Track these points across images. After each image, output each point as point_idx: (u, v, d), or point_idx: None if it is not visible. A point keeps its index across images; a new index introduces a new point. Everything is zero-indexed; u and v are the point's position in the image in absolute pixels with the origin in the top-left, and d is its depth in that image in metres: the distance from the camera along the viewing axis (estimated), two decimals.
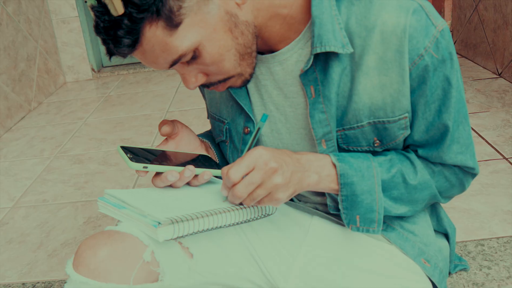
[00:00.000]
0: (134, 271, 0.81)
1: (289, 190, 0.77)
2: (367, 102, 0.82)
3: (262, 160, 0.74)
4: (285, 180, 0.76)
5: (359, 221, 0.86)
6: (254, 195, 0.75)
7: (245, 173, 0.74)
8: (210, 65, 0.78)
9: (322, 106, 0.83)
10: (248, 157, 0.74)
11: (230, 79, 0.82)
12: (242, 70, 0.81)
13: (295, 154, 0.82)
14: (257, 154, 0.75)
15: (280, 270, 0.95)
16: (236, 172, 0.74)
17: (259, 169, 0.74)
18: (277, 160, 0.75)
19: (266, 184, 0.74)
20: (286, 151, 0.81)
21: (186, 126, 0.96)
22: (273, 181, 0.74)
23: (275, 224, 0.98)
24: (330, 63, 0.81)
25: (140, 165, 0.82)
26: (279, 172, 0.75)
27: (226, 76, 0.81)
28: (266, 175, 0.74)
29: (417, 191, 0.88)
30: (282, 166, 0.76)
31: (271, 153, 0.75)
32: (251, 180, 0.74)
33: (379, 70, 0.80)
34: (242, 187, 0.74)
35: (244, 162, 0.74)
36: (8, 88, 2.88)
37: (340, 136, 0.86)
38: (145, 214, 0.77)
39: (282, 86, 0.88)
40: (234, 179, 0.74)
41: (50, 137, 2.66)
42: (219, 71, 0.79)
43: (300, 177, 0.80)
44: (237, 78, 0.82)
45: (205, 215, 0.77)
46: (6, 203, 2.03)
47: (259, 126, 0.84)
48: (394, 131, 0.84)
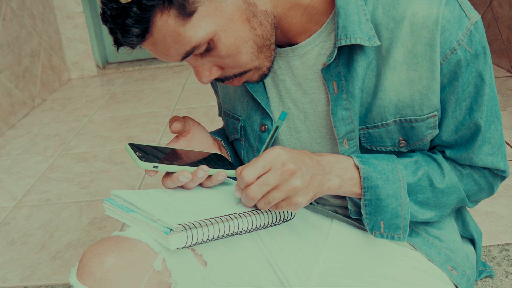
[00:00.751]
0: (143, 282, 0.75)
1: (309, 194, 0.72)
2: (393, 99, 0.77)
3: (280, 160, 0.69)
4: (304, 183, 0.71)
5: (383, 227, 0.81)
6: (269, 197, 0.71)
7: (260, 174, 0.70)
8: (226, 58, 0.73)
9: (345, 102, 0.78)
10: (265, 157, 0.70)
11: (247, 73, 0.77)
12: (259, 64, 0.77)
13: (315, 156, 0.77)
14: (274, 154, 0.70)
15: (298, 277, 0.89)
16: (250, 172, 0.69)
17: (276, 170, 0.69)
18: (296, 162, 0.70)
19: (284, 186, 0.70)
20: (305, 152, 0.76)
21: (198, 123, 0.91)
22: (291, 184, 0.70)
23: (293, 229, 0.93)
24: (355, 56, 0.76)
25: (150, 165, 0.77)
26: (297, 174, 0.70)
27: (242, 69, 0.76)
28: (283, 177, 0.69)
29: (444, 195, 0.83)
30: (301, 168, 0.71)
31: (290, 154, 0.71)
32: (265, 180, 0.69)
33: (407, 65, 0.75)
34: (256, 187, 0.70)
35: (259, 162, 0.70)
36: (12, 85, 2.82)
37: (363, 135, 0.81)
38: (155, 219, 0.72)
39: (302, 81, 0.83)
40: (247, 179, 0.69)
41: (54, 135, 2.61)
42: (235, 65, 0.74)
43: (321, 180, 0.75)
44: (254, 72, 0.78)
45: (220, 221, 0.72)
46: (8, 202, 1.98)
47: (278, 124, 0.80)
48: (421, 131, 0.79)
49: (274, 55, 0.79)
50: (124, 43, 0.69)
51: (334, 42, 0.75)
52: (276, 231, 0.91)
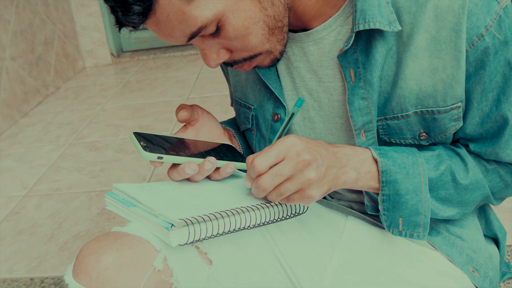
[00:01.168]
0: (143, 281, 0.70)
1: (323, 187, 0.68)
2: (414, 88, 0.72)
3: (295, 150, 0.65)
4: (319, 175, 0.66)
5: (402, 224, 0.76)
6: (281, 189, 0.66)
7: (273, 163, 0.66)
8: (234, 40, 0.68)
9: (362, 91, 0.74)
10: (279, 145, 0.66)
11: (257, 56, 0.72)
12: (271, 47, 0.72)
13: (331, 147, 0.73)
14: (289, 143, 0.66)
15: (309, 276, 0.85)
16: (262, 161, 0.65)
17: (290, 159, 0.65)
18: (311, 152, 0.66)
19: (298, 178, 0.65)
20: (321, 142, 0.72)
21: (207, 112, 0.87)
22: (305, 175, 0.65)
23: (305, 225, 0.88)
24: (374, 42, 0.72)
25: (154, 155, 0.72)
26: (313, 165, 0.65)
27: (252, 53, 0.71)
28: (297, 168, 0.65)
29: (468, 192, 0.78)
30: (317, 159, 0.66)
31: (306, 143, 0.66)
32: (279, 171, 0.65)
33: (430, 52, 0.70)
34: (269, 178, 0.65)
35: (273, 150, 0.65)
36: (25, 72, 2.81)
37: (382, 126, 0.77)
38: (156, 213, 0.67)
39: (317, 68, 0.78)
40: (259, 168, 0.65)
41: (66, 123, 2.58)
42: (244, 47, 0.70)
43: (336, 173, 0.70)
44: (265, 56, 0.73)
45: (226, 215, 0.67)
46: (19, 191, 1.96)
47: (293, 111, 0.75)
48: (444, 123, 0.74)
49: (287, 39, 0.74)
50: (126, 22, 0.65)
51: (352, 26, 0.71)
52: (287, 227, 0.86)
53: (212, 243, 0.79)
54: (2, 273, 1.48)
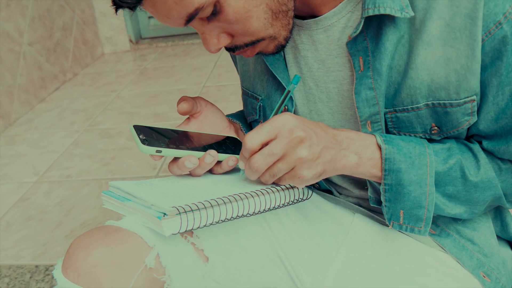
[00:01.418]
0: (133, 279, 0.67)
1: (316, 168, 0.65)
2: (426, 79, 0.68)
3: (287, 127, 0.63)
4: (312, 154, 0.64)
5: (402, 217, 0.72)
6: (274, 169, 0.64)
7: (265, 140, 0.63)
8: (235, 23, 0.64)
9: (370, 81, 0.70)
10: (271, 122, 0.63)
11: (260, 42, 0.69)
12: (275, 32, 0.68)
13: (332, 129, 0.69)
14: (282, 120, 0.63)
15: (312, 276, 0.81)
16: (253, 138, 0.63)
17: (283, 137, 0.63)
18: (305, 130, 0.63)
19: (289, 156, 0.63)
20: (320, 123, 0.68)
21: (211, 104, 0.83)
22: (297, 153, 0.63)
23: (310, 222, 0.84)
24: (384, 29, 0.67)
25: (153, 149, 0.70)
26: (306, 143, 0.63)
27: (254, 38, 0.67)
28: (289, 146, 0.63)
29: (477, 190, 0.73)
30: (311, 137, 0.64)
31: (300, 121, 0.64)
32: (271, 150, 0.63)
33: (444, 40, 0.66)
34: (261, 157, 0.63)
35: (265, 127, 0.63)
36: (42, 58, 2.80)
37: (391, 118, 0.72)
38: (149, 204, 0.65)
39: (325, 58, 0.75)
40: (250, 145, 0.63)
41: (81, 109, 2.58)
42: (245, 31, 0.66)
43: (334, 155, 0.67)
44: (268, 41, 0.69)
45: (222, 202, 0.65)
46: (31, 177, 1.95)
47: (289, 89, 0.72)
48: (457, 117, 0.69)
49: (293, 24, 0.70)
50: (121, 3, 0.61)
51: (362, 12, 0.67)
52: (291, 224, 0.83)
53: (209, 240, 0.75)
54: (9, 259, 1.48)
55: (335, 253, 0.82)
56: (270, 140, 0.63)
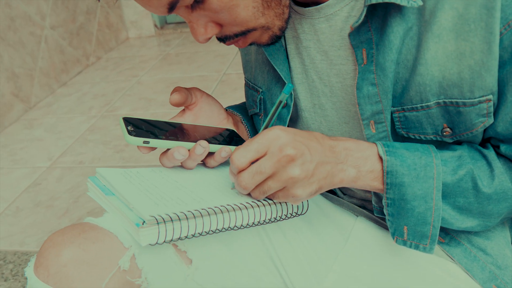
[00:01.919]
0: (104, 281, 0.63)
1: (311, 187, 0.60)
2: (437, 75, 0.61)
3: (278, 144, 0.58)
4: (304, 173, 0.58)
5: (406, 233, 0.66)
6: (264, 187, 0.60)
7: (254, 159, 0.59)
8: (220, 12, 0.60)
9: (373, 76, 0.64)
10: (260, 139, 0.59)
11: (251, 32, 0.64)
12: (267, 22, 0.63)
13: (329, 140, 0.63)
14: (272, 135, 0.58)
15: (307, 283, 0.76)
16: (241, 156, 0.58)
17: (272, 155, 0.58)
18: (297, 146, 0.58)
19: (280, 175, 0.58)
20: (317, 134, 0.63)
21: (208, 95, 0.79)
22: (288, 172, 0.58)
23: (310, 224, 0.79)
24: (389, 20, 0.62)
25: (140, 140, 0.66)
26: (297, 162, 0.58)
27: (244, 28, 0.63)
28: (279, 164, 0.58)
29: (491, 202, 0.66)
30: (304, 154, 0.58)
31: (291, 136, 0.59)
32: (259, 168, 0.58)
33: (457, 33, 0.59)
34: (248, 176, 0.59)
35: (253, 144, 0.58)
36: (65, 42, 2.80)
37: (398, 118, 0.66)
38: (131, 206, 0.60)
39: (328, 49, 0.69)
40: (238, 164, 0.58)
41: (101, 94, 2.56)
42: (233, 21, 0.61)
43: (330, 170, 0.61)
44: (261, 32, 0.64)
45: (206, 213, 0.60)
46: (44, 162, 1.95)
47: (281, 99, 0.66)
48: (470, 118, 0.62)
49: (289, 13, 0.65)
50: None
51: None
52: (289, 226, 0.77)
53: (194, 242, 0.71)
54: (14, 245, 1.47)
55: (334, 259, 0.76)
56: (260, 157, 0.59)
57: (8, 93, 2.33)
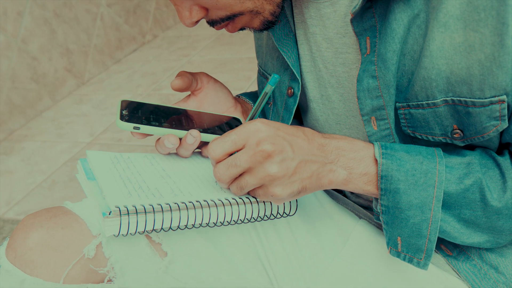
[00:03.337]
0: (67, 268, 0.63)
1: (292, 186, 0.56)
2: (444, 69, 0.55)
3: (256, 138, 0.55)
4: (284, 171, 0.55)
5: (400, 244, 0.61)
6: (241, 182, 0.57)
7: (230, 151, 0.57)
8: None
9: (374, 68, 0.59)
10: (239, 130, 0.56)
11: (239, 17, 0.61)
12: (256, 6, 0.60)
13: (320, 137, 0.59)
14: (251, 128, 0.56)
15: (296, 284, 0.72)
16: (217, 146, 0.56)
17: (248, 149, 0.55)
18: (277, 142, 0.55)
19: (257, 171, 0.55)
20: (307, 130, 0.59)
21: (216, 81, 0.77)
22: (266, 169, 0.55)
23: (311, 224, 0.75)
24: (393, 5, 0.56)
25: (131, 125, 0.65)
26: (275, 158, 0.55)
27: (229, 12, 0.60)
28: (255, 159, 0.55)
29: (501, 217, 0.59)
30: (284, 151, 0.55)
31: (273, 131, 0.56)
32: (234, 161, 0.56)
33: (465, 22, 0.52)
34: (223, 167, 0.57)
35: (231, 135, 0.56)
36: (121, 20, 2.85)
37: (404, 115, 0.60)
38: (104, 194, 0.59)
39: (333, 36, 0.64)
40: (213, 154, 0.57)
41: (150, 73, 2.60)
42: (215, 5, 0.59)
43: (317, 170, 0.57)
44: (250, 16, 0.61)
45: (176, 208, 0.58)
46: (86, 137, 2.00)
47: (266, 90, 0.64)
48: (480, 120, 0.56)
49: None
50: None
51: None
52: (285, 224, 0.74)
53: (171, 234, 0.69)
54: None
55: (329, 262, 0.72)
56: (237, 150, 0.56)
57: (62, 68, 2.42)
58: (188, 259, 0.69)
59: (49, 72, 2.34)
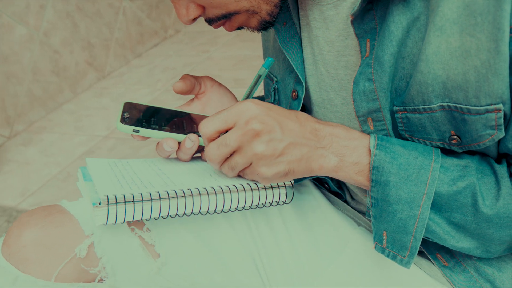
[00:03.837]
0: (59, 267, 0.64)
1: (278, 166, 0.57)
2: (440, 74, 0.54)
3: (245, 117, 0.55)
4: (271, 150, 0.56)
5: (385, 240, 0.60)
6: (232, 162, 0.58)
7: (221, 129, 0.57)
8: None
9: (370, 70, 0.58)
10: (230, 109, 0.56)
11: (235, 16, 0.61)
12: (252, 6, 0.59)
13: (314, 122, 0.60)
14: (242, 107, 0.56)
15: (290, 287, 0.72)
16: (208, 124, 0.57)
17: (238, 128, 0.56)
18: (266, 121, 0.55)
19: (245, 150, 0.56)
20: (301, 114, 0.60)
21: (220, 85, 0.77)
22: (252, 147, 0.56)
23: (310, 228, 0.75)
24: (392, 7, 0.56)
25: (130, 128, 0.66)
26: (263, 137, 0.55)
27: (224, 11, 0.60)
28: (244, 138, 0.56)
29: (491, 226, 0.58)
30: (273, 130, 0.56)
31: (264, 110, 0.56)
32: (224, 140, 0.56)
33: (461, 26, 0.51)
34: (214, 146, 0.57)
35: (222, 114, 0.57)
36: (143, 14, 2.87)
37: (401, 119, 0.60)
38: (96, 188, 0.60)
39: (335, 39, 0.64)
40: (204, 131, 0.57)
41: (171, 68, 2.61)
42: (210, 3, 0.59)
43: (307, 154, 0.58)
44: (247, 16, 0.61)
45: (165, 196, 0.58)
46: (102, 131, 2.03)
47: (260, 73, 0.64)
48: (476, 128, 0.55)
49: None
50: None
51: None
52: (282, 225, 0.74)
53: (165, 236, 0.69)
54: None
55: (326, 268, 0.72)
56: (228, 128, 0.57)
57: (83, 61, 2.45)
58: (181, 261, 0.69)
59: (70, 65, 2.37)
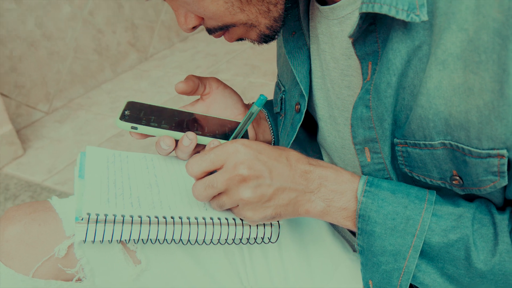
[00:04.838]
0: (36, 265, 0.65)
1: (265, 211, 0.56)
2: (442, 110, 0.50)
3: (234, 160, 0.55)
4: (258, 196, 0.55)
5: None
6: (219, 201, 0.58)
7: (209, 169, 0.57)
8: (191, 4, 0.57)
9: (368, 97, 0.55)
10: (219, 150, 0.56)
11: (232, 28, 0.60)
12: (249, 19, 0.58)
13: (304, 164, 0.58)
14: (230, 149, 0.56)
15: None
16: (195, 164, 0.57)
17: (225, 171, 0.55)
18: (254, 166, 0.55)
19: (232, 194, 0.56)
20: (292, 155, 0.58)
21: (225, 87, 0.77)
22: (239, 193, 0.55)
23: (302, 246, 0.73)
24: (392, 34, 0.52)
25: (128, 125, 0.67)
26: (250, 183, 0.55)
27: (220, 23, 0.59)
28: (231, 182, 0.55)
29: (485, 282, 0.54)
30: (261, 176, 0.55)
31: (252, 154, 0.55)
32: (211, 182, 0.56)
33: (465, 62, 0.47)
34: (201, 187, 0.57)
35: (210, 155, 0.56)
36: None
37: (401, 153, 0.56)
38: (84, 197, 0.61)
39: (339, 57, 0.61)
40: (190, 171, 0.57)
41: (212, 54, 2.60)
42: (204, 14, 0.58)
43: (295, 199, 0.57)
44: (245, 29, 0.60)
45: (147, 221, 0.58)
46: None
47: (252, 111, 0.63)
48: (476, 172, 0.51)
49: (282, 12, 0.58)
50: None
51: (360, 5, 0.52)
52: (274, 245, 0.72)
53: (148, 243, 0.69)
54: None
55: None
56: (216, 169, 0.56)
57: (125, 42, 2.47)
58: (162, 269, 0.69)
59: (112, 45, 2.40)
